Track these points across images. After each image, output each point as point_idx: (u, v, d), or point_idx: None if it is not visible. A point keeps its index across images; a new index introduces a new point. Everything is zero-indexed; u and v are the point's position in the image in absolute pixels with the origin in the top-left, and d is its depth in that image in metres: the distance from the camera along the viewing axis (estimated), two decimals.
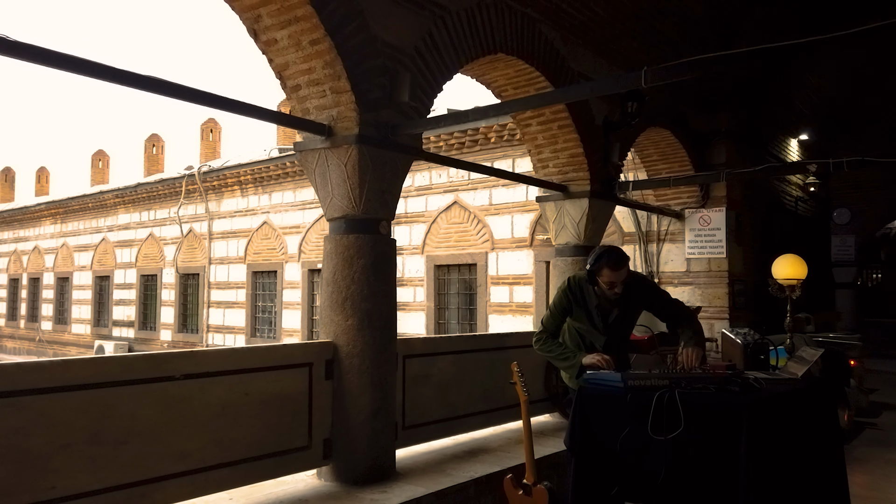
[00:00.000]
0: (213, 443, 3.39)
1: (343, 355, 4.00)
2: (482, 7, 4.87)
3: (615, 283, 3.65)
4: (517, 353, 5.40)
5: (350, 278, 4.03)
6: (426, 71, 4.41)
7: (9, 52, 2.86)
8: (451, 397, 4.85)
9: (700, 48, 7.36)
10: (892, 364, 14.21)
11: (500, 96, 5.88)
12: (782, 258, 6.87)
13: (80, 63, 3.12)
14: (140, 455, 3.11)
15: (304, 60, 3.98)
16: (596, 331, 3.89)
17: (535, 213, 9.63)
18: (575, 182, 6.11)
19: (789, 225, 10.68)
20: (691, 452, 3.21)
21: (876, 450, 6.71)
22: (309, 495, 3.75)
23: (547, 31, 5.59)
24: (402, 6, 4.24)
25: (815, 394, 3.78)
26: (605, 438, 3.49)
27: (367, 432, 3.97)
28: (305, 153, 4.21)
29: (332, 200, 4.13)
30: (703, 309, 7.86)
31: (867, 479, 5.72)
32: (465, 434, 5.11)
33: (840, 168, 4.75)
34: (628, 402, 3.34)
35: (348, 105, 3.98)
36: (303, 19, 3.79)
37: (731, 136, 8.30)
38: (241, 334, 13.96)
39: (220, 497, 3.57)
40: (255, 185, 13.93)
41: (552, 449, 4.76)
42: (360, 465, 3.95)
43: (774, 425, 3.23)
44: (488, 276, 10.13)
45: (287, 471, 3.80)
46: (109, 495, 3.00)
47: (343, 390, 3.97)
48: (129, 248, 17.18)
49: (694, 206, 8.17)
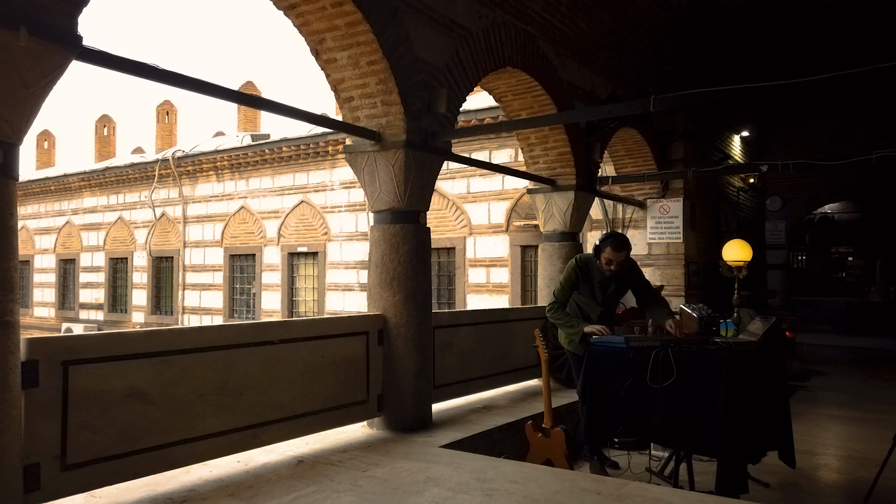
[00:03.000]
0: (301, 395, 4.13)
1: (391, 325, 4.77)
2: (495, 27, 5.66)
3: (612, 262, 4.57)
4: (518, 325, 6.31)
5: (397, 261, 4.79)
6: (454, 84, 5.19)
7: None
8: (468, 362, 5.69)
9: (660, 54, 8.38)
10: (814, 337, 15.90)
11: (500, 101, 6.70)
12: (731, 243, 7.95)
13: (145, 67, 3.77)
14: (251, 404, 3.83)
15: (360, 77, 4.71)
16: (595, 302, 4.79)
17: (511, 201, 10.52)
18: (562, 177, 7.00)
19: (732, 213, 11.92)
20: (680, 397, 4.15)
21: (807, 406, 7.92)
22: (371, 440, 4.53)
23: (543, 45, 6.43)
24: (437, 30, 5.00)
25: (769, 353, 4.78)
26: (610, 389, 4.40)
27: (412, 389, 4.78)
28: (355, 154, 4.94)
29: (380, 195, 4.87)
30: (664, 288, 8.92)
31: (802, 428, 6.84)
32: (476, 394, 5.96)
33: (787, 169, 5.76)
34: (631, 359, 4.25)
35: (397, 115, 4.72)
36: (364, 44, 4.51)
37: (688, 136, 9.36)
38: (219, 315, 14.41)
39: (298, 441, 4.32)
40: (232, 170, 14.33)
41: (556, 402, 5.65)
42: (407, 415, 4.76)
43: (743, 374, 4.18)
44: (466, 258, 10.98)
45: (351, 420, 4.57)
46: (230, 436, 3.72)
47: (392, 354, 4.75)
48: (95, 231, 17.25)
49: (655, 196, 9.21)
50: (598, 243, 4.63)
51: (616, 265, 4.59)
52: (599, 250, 4.61)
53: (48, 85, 2.89)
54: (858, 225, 23.53)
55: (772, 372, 4.65)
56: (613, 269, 4.61)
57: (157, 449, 3.36)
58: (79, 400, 3.06)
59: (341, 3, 4.30)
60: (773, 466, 4.63)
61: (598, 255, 4.64)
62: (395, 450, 4.27)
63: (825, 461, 5.69)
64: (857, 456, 5.79)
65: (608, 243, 4.57)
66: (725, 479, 3.88)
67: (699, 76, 9.20)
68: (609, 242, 4.56)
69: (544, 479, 3.68)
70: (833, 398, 8.68)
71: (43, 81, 2.86)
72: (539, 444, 4.70)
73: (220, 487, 3.52)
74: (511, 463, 4.06)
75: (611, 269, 4.61)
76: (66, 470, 3.05)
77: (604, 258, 4.58)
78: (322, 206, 12.98)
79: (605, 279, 4.74)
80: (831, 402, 8.44)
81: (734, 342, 4.52)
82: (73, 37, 2.91)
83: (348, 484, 3.57)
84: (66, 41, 2.88)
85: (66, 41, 2.88)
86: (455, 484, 3.57)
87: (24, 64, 2.77)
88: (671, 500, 3.35)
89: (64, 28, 2.88)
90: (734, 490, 3.77)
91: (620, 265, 4.62)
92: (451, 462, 3.97)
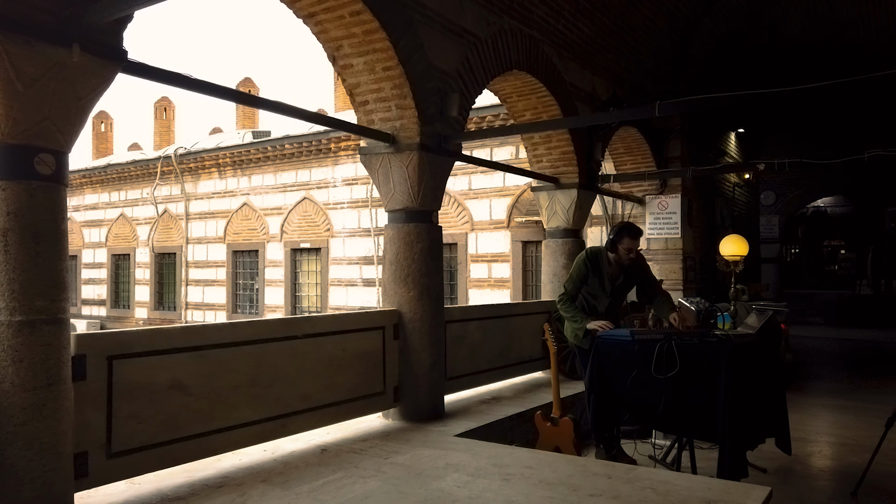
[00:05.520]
0: (325, 387, 4.36)
1: (406, 320, 4.99)
2: (502, 33, 5.87)
3: (632, 249, 4.89)
4: (523, 319, 6.55)
5: (411, 258, 5.01)
6: (465, 89, 5.39)
7: None
8: (478, 355, 5.93)
9: (657, 56, 8.61)
10: (806, 329, 16.23)
11: (506, 102, 6.91)
12: (728, 238, 8.19)
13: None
14: (281, 395, 4.05)
15: (375, 82, 4.91)
16: (604, 293, 5.04)
17: (512, 198, 10.74)
18: (565, 175, 7.23)
19: (727, 208, 12.18)
20: (683, 386, 4.38)
21: (801, 396, 8.20)
22: (388, 429, 4.76)
23: (547, 49, 6.64)
24: (448, 38, 5.20)
25: (765, 345, 5.02)
26: (616, 379, 4.64)
27: (427, 381, 5.00)
28: (370, 156, 5.15)
29: (394, 195, 5.09)
30: (663, 282, 9.17)
31: (796, 417, 7.09)
32: (484, 387, 6.19)
33: (783, 168, 6.00)
34: (636, 351, 4.49)
35: (411, 119, 4.93)
36: (380, 51, 4.72)
37: (684, 134, 9.59)
38: (222, 311, 14.61)
39: (320, 431, 4.54)
40: (234, 167, 14.50)
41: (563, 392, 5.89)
42: (422, 406, 4.99)
43: (743, 364, 4.42)
44: (468, 254, 11.21)
45: (370, 410, 4.80)
46: (263, 425, 3.95)
47: (408, 348, 4.98)
48: (97, 227, 17.39)
49: (653, 193, 9.44)
50: (614, 236, 4.89)
51: (635, 253, 4.90)
52: (616, 242, 4.88)
53: (96, 97, 3.09)
54: (850, 218, 23.88)
55: (769, 363, 4.90)
56: (633, 257, 4.92)
57: (196, 437, 3.58)
58: (123, 392, 3.27)
59: (359, 13, 4.50)
60: (770, 453, 4.88)
61: (614, 247, 4.90)
62: (414, 438, 4.50)
63: (819, 448, 5.96)
64: (849, 443, 6.06)
65: (624, 234, 4.86)
66: (726, 463, 4.11)
67: (695, 76, 9.44)
68: (626, 232, 4.88)
69: (557, 465, 3.91)
70: (825, 388, 8.97)
71: (92, 94, 3.06)
72: (548, 432, 4.94)
73: (252, 474, 3.74)
74: (525, 450, 4.29)
75: (630, 257, 4.91)
76: (112, 458, 3.27)
77: (622, 248, 4.87)
78: (325, 203, 13.17)
79: (615, 271, 5.00)
80: (823, 391, 8.73)
81: (733, 334, 4.76)
82: (119, 52, 3.11)
83: (373, 470, 3.80)
84: (114, 56, 3.08)
85: (114, 56, 3.08)
86: (474, 469, 3.80)
87: (77, 78, 2.97)
88: (677, 482, 3.59)
89: (112, 44, 3.08)
90: (735, 474, 4.01)
91: (637, 252, 4.91)
92: (468, 449, 4.20)
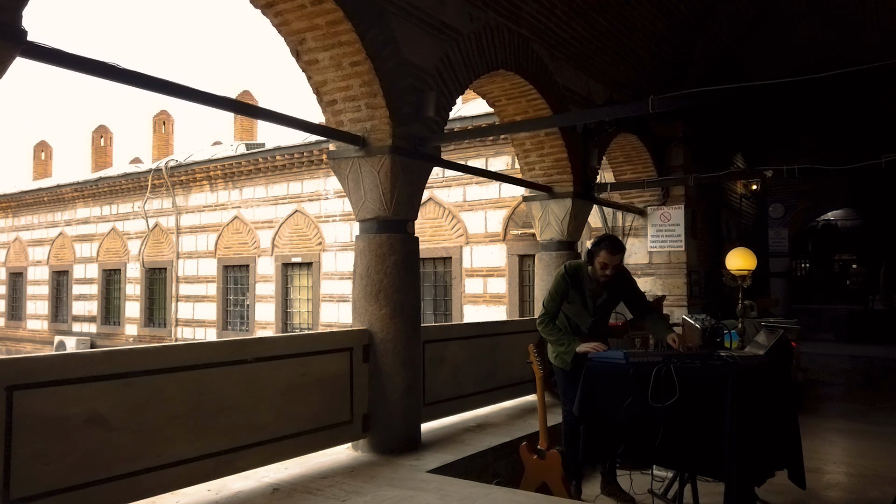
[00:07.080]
0: (281, 416, 3.89)
1: (378, 340, 4.53)
2: (487, 29, 5.45)
3: (608, 266, 4.31)
4: (513, 338, 6.06)
5: (383, 272, 4.56)
6: (444, 88, 4.96)
7: None
8: (461, 378, 5.44)
9: (657, 60, 8.17)
10: (817, 346, 15.62)
11: (494, 105, 6.48)
12: (735, 251, 7.69)
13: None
14: (227, 427, 3.59)
15: (343, 79, 4.49)
16: (586, 312, 4.53)
17: (508, 210, 10.29)
18: (559, 184, 6.77)
19: (734, 220, 11.69)
20: (683, 415, 3.90)
21: (813, 419, 7.65)
22: (354, 464, 4.28)
23: (537, 48, 6.21)
24: (426, 32, 4.78)
25: (775, 367, 4.54)
26: (609, 407, 4.15)
27: (400, 408, 4.53)
28: (339, 161, 4.71)
29: (365, 203, 4.64)
30: (666, 298, 8.68)
31: (808, 444, 6.54)
32: (470, 412, 5.71)
33: (792, 175, 5.54)
34: (630, 376, 4.01)
35: (383, 119, 4.50)
36: (346, 44, 4.29)
37: (687, 141, 9.14)
38: (213, 328, 14.17)
39: (277, 466, 4.07)
40: (225, 179, 14.13)
41: (552, 421, 5.41)
42: (395, 436, 4.51)
43: (749, 389, 3.94)
44: (462, 268, 10.75)
45: (335, 442, 4.32)
46: (203, 462, 3.48)
47: (380, 371, 4.51)
48: (89, 242, 17.04)
49: (655, 203, 8.98)
50: (592, 247, 4.38)
51: (611, 269, 4.35)
52: (593, 254, 4.36)
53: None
54: (861, 232, 23.28)
55: (779, 387, 4.41)
56: (608, 274, 4.37)
57: (120, 478, 3.11)
58: (26, 427, 2.81)
59: (321, 1, 4.09)
60: (781, 486, 4.38)
61: (591, 261, 4.39)
62: (380, 475, 4.02)
63: (835, 479, 5.43)
64: (868, 474, 5.53)
65: (603, 246, 4.32)
66: (733, 500, 3.64)
67: (697, 83, 8.99)
68: (604, 245, 4.32)
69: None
70: (839, 410, 8.41)
71: None
72: (534, 466, 4.44)
73: None
74: (503, 490, 3.81)
75: (605, 275, 4.36)
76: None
77: (598, 262, 4.33)
78: (316, 216, 12.76)
79: (597, 287, 4.49)
80: (837, 414, 8.17)
81: (739, 356, 4.29)
82: (17, 31, 2.69)
83: None
84: (11, 37, 2.66)
85: (11, 37, 2.66)
86: None
87: None
88: None
89: (7, 21, 2.67)
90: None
91: (615, 269, 4.39)
92: (439, 489, 3.72)
